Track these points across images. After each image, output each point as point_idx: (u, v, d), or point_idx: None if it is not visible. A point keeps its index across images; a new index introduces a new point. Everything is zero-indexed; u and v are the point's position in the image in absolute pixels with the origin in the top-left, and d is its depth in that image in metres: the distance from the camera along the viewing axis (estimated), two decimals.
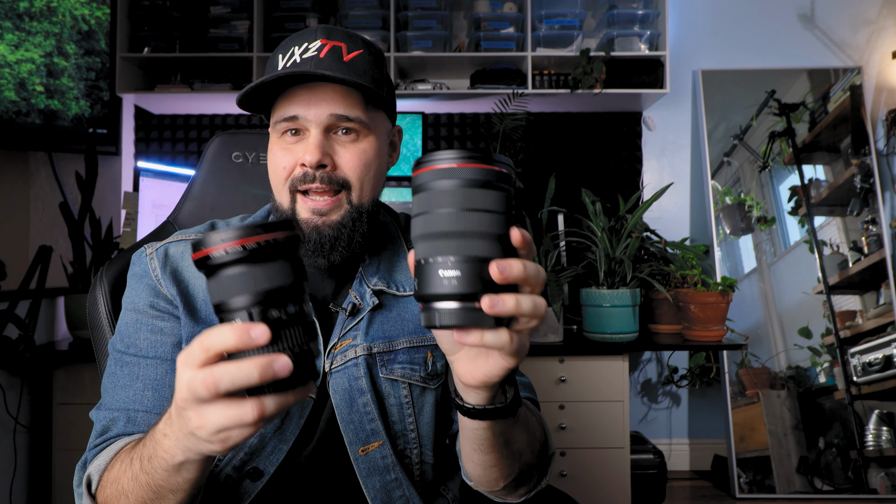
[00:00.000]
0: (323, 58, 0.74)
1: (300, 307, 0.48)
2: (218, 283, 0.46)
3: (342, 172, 0.76)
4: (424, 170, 0.48)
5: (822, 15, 2.77)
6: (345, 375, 0.79)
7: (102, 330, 0.95)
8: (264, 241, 0.46)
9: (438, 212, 0.47)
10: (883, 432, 2.45)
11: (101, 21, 2.22)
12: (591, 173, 2.75)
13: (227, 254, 0.45)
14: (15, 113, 1.93)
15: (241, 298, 0.46)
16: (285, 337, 0.46)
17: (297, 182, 0.76)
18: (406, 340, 0.82)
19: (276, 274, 0.46)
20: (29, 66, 1.97)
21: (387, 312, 0.83)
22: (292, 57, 0.75)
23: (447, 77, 2.70)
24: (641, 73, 2.47)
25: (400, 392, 0.81)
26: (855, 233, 2.61)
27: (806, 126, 2.68)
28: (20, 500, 2.03)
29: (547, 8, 2.51)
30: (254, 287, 0.46)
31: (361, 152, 0.77)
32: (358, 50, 0.77)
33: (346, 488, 0.80)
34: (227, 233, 0.45)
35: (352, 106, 0.76)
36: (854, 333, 2.53)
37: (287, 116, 0.75)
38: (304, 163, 0.75)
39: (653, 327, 2.25)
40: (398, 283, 0.85)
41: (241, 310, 0.46)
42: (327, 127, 0.75)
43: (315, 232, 0.77)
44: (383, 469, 0.79)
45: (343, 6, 2.51)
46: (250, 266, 0.46)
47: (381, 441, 0.79)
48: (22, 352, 1.87)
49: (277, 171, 0.78)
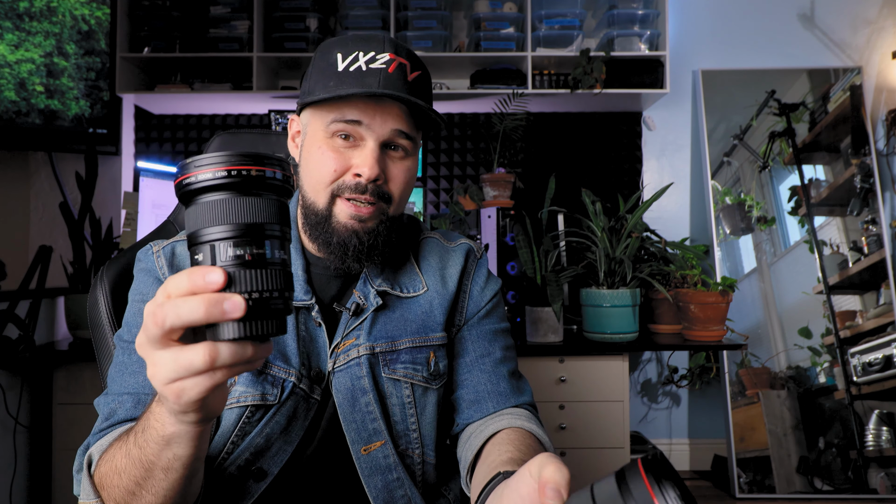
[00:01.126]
0: (391, 73, 0.75)
1: (277, 253, 0.44)
2: (195, 211, 0.43)
3: (389, 187, 0.78)
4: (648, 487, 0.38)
5: (822, 15, 2.77)
6: (347, 375, 0.79)
7: (103, 330, 0.95)
8: (255, 171, 0.42)
9: None
10: (883, 432, 2.45)
11: (101, 21, 2.22)
12: (591, 173, 2.75)
13: (211, 178, 0.42)
14: (15, 113, 1.93)
15: (215, 230, 0.42)
16: (252, 280, 0.42)
17: (346, 189, 0.76)
18: (409, 340, 0.83)
19: (259, 209, 0.43)
20: (29, 66, 1.97)
21: (390, 313, 0.83)
22: (356, 62, 0.75)
23: (447, 77, 2.70)
24: (641, 73, 2.47)
25: (402, 392, 0.81)
26: (855, 233, 2.61)
27: (806, 126, 2.68)
28: (20, 500, 2.03)
29: (547, 8, 2.51)
30: (231, 218, 0.42)
31: (408, 170, 0.80)
32: (418, 70, 0.79)
33: (348, 488, 0.80)
34: (215, 156, 0.42)
35: (410, 125, 0.78)
36: (854, 333, 2.53)
37: (349, 119, 0.75)
38: (361, 174, 0.75)
39: (653, 327, 2.25)
40: (402, 285, 0.86)
41: (209, 243, 0.42)
42: (385, 141, 0.77)
43: (354, 236, 0.77)
44: (385, 469, 0.79)
45: (343, 6, 2.51)
46: (232, 195, 0.42)
47: (383, 441, 0.79)
48: (22, 352, 1.87)
49: (324, 172, 0.77)
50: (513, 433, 0.77)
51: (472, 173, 2.76)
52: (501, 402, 0.85)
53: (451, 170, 2.77)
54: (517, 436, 0.76)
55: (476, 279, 0.91)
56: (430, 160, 2.76)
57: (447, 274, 0.89)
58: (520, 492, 0.45)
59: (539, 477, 0.43)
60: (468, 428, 0.85)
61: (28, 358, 1.85)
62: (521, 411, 0.85)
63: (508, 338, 0.92)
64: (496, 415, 0.84)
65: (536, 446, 0.76)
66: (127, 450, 0.58)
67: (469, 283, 0.90)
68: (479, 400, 0.85)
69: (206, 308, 0.41)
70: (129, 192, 2.18)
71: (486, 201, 2.43)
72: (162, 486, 0.57)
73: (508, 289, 2.02)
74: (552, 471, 0.43)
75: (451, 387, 0.88)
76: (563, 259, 2.30)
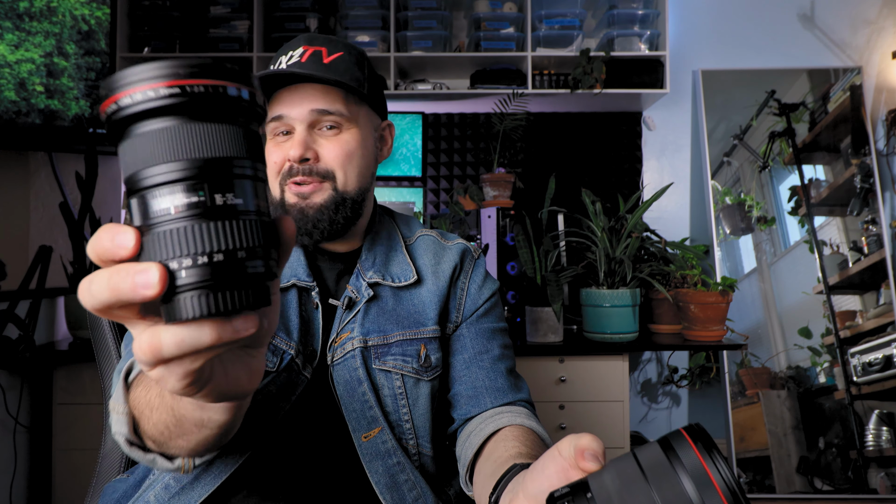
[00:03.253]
0: (304, 62, 0.81)
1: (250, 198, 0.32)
2: (130, 147, 0.31)
3: (325, 163, 0.82)
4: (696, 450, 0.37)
5: (822, 15, 2.77)
6: (345, 367, 0.82)
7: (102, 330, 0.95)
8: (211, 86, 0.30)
9: (652, 496, 0.37)
10: (883, 432, 2.45)
11: (101, 21, 2.22)
12: (591, 173, 2.75)
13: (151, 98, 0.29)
14: (15, 113, 1.93)
15: (158, 170, 0.30)
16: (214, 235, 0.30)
17: (286, 177, 0.82)
18: (399, 334, 0.86)
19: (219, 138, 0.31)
20: (29, 66, 1.97)
21: (383, 304, 0.86)
22: (279, 66, 0.82)
23: (447, 77, 2.70)
24: (641, 73, 2.47)
25: (393, 383, 0.84)
26: (855, 233, 2.61)
27: (806, 126, 2.68)
28: (20, 500, 2.03)
29: (547, 8, 2.51)
30: (180, 153, 0.30)
31: (344, 143, 0.83)
32: (338, 52, 0.83)
33: (354, 475, 0.81)
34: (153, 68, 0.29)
35: (331, 101, 0.81)
36: (854, 333, 2.53)
37: (274, 116, 0.82)
38: (290, 158, 0.81)
39: (653, 327, 2.25)
40: (393, 275, 0.88)
41: (148, 189, 0.30)
42: (311, 123, 0.81)
43: (300, 213, 0.82)
44: (385, 454, 0.81)
45: (343, 6, 2.51)
46: (180, 121, 0.30)
47: (380, 427, 0.81)
48: (22, 352, 1.87)
49: (271, 167, 0.83)
50: (516, 430, 0.77)
51: (472, 173, 2.76)
52: (499, 397, 0.86)
53: (451, 170, 2.77)
54: (520, 432, 0.76)
55: (474, 278, 0.93)
56: (430, 160, 2.76)
57: (440, 269, 0.91)
58: (547, 472, 0.45)
59: (572, 453, 0.43)
60: (467, 426, 0.85)
61: (28, 358, 1.85)
62: (520, 409, 0.85)
63: (506, 337, 0.94)
64: (495, 412, 0.84)
65: (541, 443, 0.76)
66: (160, 390, 0.53)
67: (467, 282, 0.92)
68: (476, 395, 0.86)
69: (110, 285, 0.31)
70: None
71: (486, 201, 2.43)
72: (195, 439, 0.54)
73: (508, 289, 2.02)
74: (588, 440, 0.44)
75: (448, 384, 0.90)
76: (563, 259, 2.30)
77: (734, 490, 0.35)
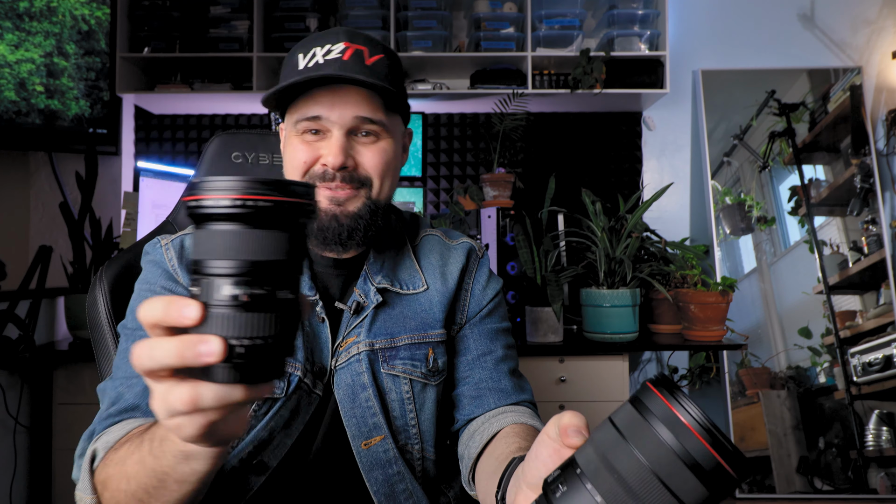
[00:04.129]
0: (347, 60, 0.76)
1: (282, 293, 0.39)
2: (201, 237, 0.39)
3: (364, 171, 0.79)
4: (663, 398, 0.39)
5: (822, 15, 2.77)
6: (348, 371, 0.81)
7: (102, 330, 0.95)
8: (272, 201, 0.38)
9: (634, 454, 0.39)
10: (883, 432, 2.45)
11: (101, 21, 2.22)
12: (591, 173, 2.75)
13: (219, 205, 0.37)
14: (15, 113, 1.93)
15: (217, 264, 0.38)
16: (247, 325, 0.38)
17: (317, 178, 0.78)
18: (408, 337, 0.84)
19: (268, 246, 0.38)
20: (29, 66, 1.97)
21: (390, 310, 0.85)
22: (314, 58, 0.77)
23: (447, 77, 2.70)
24: (641, 73, 2.47)
25: (401, 388, 0.82)
26: (855, 233, 2.61)
27: (806, 126, 2.68)
28: (20, 500, 2.03)
29: (547, 8, 2.51)
30: (234, 253, 0.38)
31: (382, 152, 0.80)
32: (379, 54, 0.79)
33: (350, 483, 0.81)
34: (233, 181, 0.37)
35: (374, 109, 0.78)
36: (854, 333, 2.53)
37: (310, 116, 0.77)
38: (327, 163, 0.77)
39: (653, 327, 2.25)
40: (402, 282, 0.86)
41: (208, 276, 0.38)
42: (350, 129, 0.78)
43: (334, 220, 0.78)
44: (385, 463, 0.80)
45: (343, 6, 2.51)
46: (241, 227, 0.38)
47: (382, 435, 0.80)
48: (22, 352, 1.87)
49: (296, 164, 0.79)
50: (518, 427, 0.78)
51: (472, 173, 2.76)
52: (503, 398, 0.86)
53: (451, 170, 2.77)
54: (522, 429, 0.77)
55: (478, 278, 0.92)
56: (430, 160, 2.76)
57: (447, 271, 0.89)
58: (542, 458, 0.46)
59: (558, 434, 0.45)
60: (470, 426, 0.85)
61: (28, 358, 1.85)
62: (523, 409, 0.85)
63: (510, 337, 0.93)
64: (498, 412, 0.84)
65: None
66: (140, 457, 0.55)
67: (471, 282, 0.91)
68: (480, 395, 0.86)
69: (178, 351, 0.37)
70: (129, 192, 2.18)
71: (486, 201, 2.43)
72: (173, 497, 0.54)
73: (508, 289, 2.02)
74: (569, 417, 0.45)
75: (451, 384, 0.89)
76: (563, 259, 2.30)
77: (706, 426, 0.37)
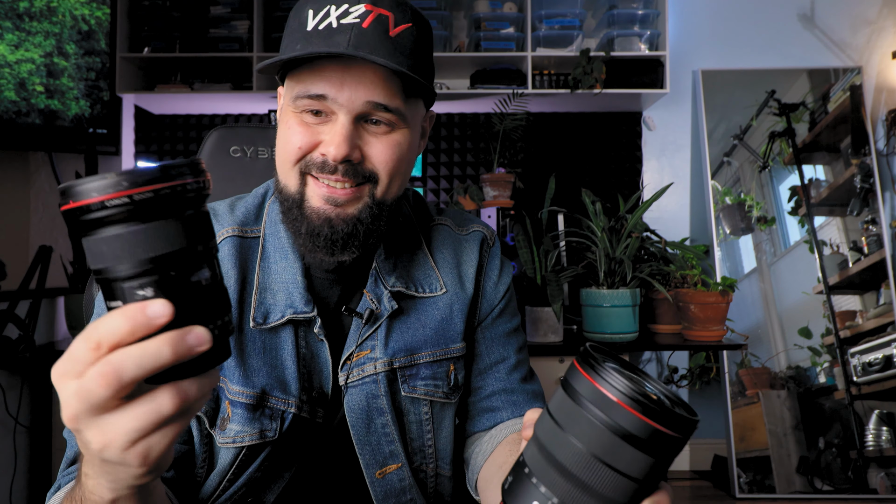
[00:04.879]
0: (366, 28, 0.62)
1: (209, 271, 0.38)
2: (97, 245, 0.35)
3: (370, 164, 0.66)
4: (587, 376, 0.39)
5: (822, 15, 2.77)
6: (362, 392, 0.72)
7: None
8: (163, 189, 0.35)
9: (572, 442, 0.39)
10: (883, 432, 2.45)
11: (101, 21, 2.22)
12: (591, 173, 2.75)
13: (106, 207, 0.34)
14: (15, 113, 1.93)
15: (128, 266, 0.35)
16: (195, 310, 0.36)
17: (313, 167, 0.66)
18: (429, 354, 0.75)
19: (178, 233, 0.36)
20: (29, 66, 1.97)
21: (406, 318, 0.75)
22: (327, 18, 0.63)
23: (447, 77, 2.70)
24: (641, 73, 2.47)
25: (421, 409, 0.75)
26: (855, 233, 2.61)
27: (806, 126, 2.68)
28: (20, 500, 2.03)
29: (547, 8, 2.51)
30: (146, 252, 0.35)
31: (396, 145, 0.67)
32: (407, 23, 0.65)
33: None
34: (108, 178, 0.34)
35: (391, 94, 0.64)
36: (854, 333, 2.53)
37: (313, 94, 0.64)
38: (327, 153, 0.64)
39: (653, 327, 2.25)
40: (418, 283, 0.76)
41: (129, 279, 0.35)
42: (359, 114, 0.65)
43: (327, 225, 0.66)
44: (399, 491, 0.74)
45: None
46: (141, 225, 0.35)
47: (399, 464, 0.73)
48: (22, 352, 1.87)
49: (289, 149, 0.66)
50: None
51: (472, 173, 2.76)
52: (516, 411, 0.80)
53: (451, 170, 2.77)
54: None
55: (489, 274, 0.82)
56: (430, 160, 2.76)
57: (464, 272, 0.80)
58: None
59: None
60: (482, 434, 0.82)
61: (28, 358, 1.85)
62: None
63: (521, 335, 0.86)
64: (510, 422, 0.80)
65: None
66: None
67: (483, 279, 0.82)
68: (492, 409, 0.80)
69: (172, 348, 0.34)
70: None
71: (486, 201, 2.42)
72: None
73: None
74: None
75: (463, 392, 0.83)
76: (563, 259, 2.30)
77: (633, 396, 0.37)
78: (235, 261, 0.72)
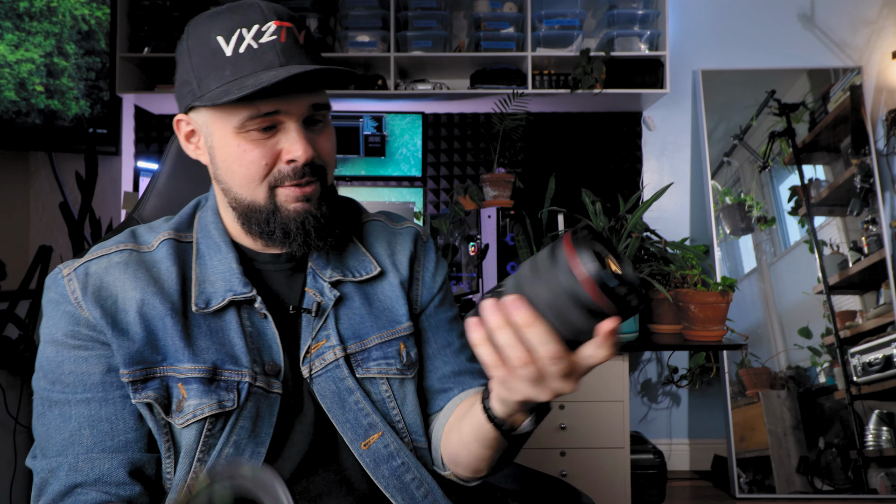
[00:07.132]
0: (285, 43, 0.69)
1: None
2: None
3: (320, 160, 0.74)
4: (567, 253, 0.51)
5: (822, 15, 2.77)
6: (329, 378, 0.77)
7: None
8: None
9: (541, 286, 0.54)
10: (883, 432, 2.45)
11: (101, 21, 2.22)
12: (591, 173, 2.75)
13: None
14: (15, 113, 1.93)
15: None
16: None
17: (284, 178, 0.72)
18: (377, 337, 0.81)
19: None
20: (29, 66, 1.97)
21: (351, 303, 0.81)
22: (243, 41, 0.68)
23: (447, 77, 2.70)
24: (641, 73, 2.47)
25: (380, 388, 0.80)
26: (855, 233, 2.61)
27: (806, 126, 2.68)
28: (20, 500, 2.03)
29: (547, 8, 2.51)
30: None
31: (332, 136, 0.77)
32: (303, 29, 0.73)
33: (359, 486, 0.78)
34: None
35: (323, 93, 0.74)
36: (854, 333, 2.53)
37: (265, 112, 0.69)
38: (296, 159, 0.71)
39: (653, 327, 2.25)
40: (353, 269, 0.82)
41: None
42: (305, 118, 0.72)
43: (312, 219, 0.74)
44: (388, 457, 0.77)
45: (343, 6, 2.51)
46: None
47: (380, 432, 0.77)
48: (22, 352, 1.87)
49: (254, 168, 0.71)
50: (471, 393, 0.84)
51: (472, 173, 2.76)
52: (466, 385, 0.87)
53: (451, 170, 2.77)
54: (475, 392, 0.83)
55: (426, 265, 0.89)
56: (430, 160, 2.76)
57: (398, 260, 0.86)
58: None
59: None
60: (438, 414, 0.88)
61: (28, 358, 1.85)
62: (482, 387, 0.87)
63: (461, 323, 0.91)
64: (461, 395, 0.86)
65: None
66: None
67: (420, 270, 0.88)
68: (445, 389, 0.86)
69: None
70: (129, 192, 2.18)
71: (486, 201, 2.43)
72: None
73: None
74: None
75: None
76: None
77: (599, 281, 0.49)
78: (174, 259, 0.76)
